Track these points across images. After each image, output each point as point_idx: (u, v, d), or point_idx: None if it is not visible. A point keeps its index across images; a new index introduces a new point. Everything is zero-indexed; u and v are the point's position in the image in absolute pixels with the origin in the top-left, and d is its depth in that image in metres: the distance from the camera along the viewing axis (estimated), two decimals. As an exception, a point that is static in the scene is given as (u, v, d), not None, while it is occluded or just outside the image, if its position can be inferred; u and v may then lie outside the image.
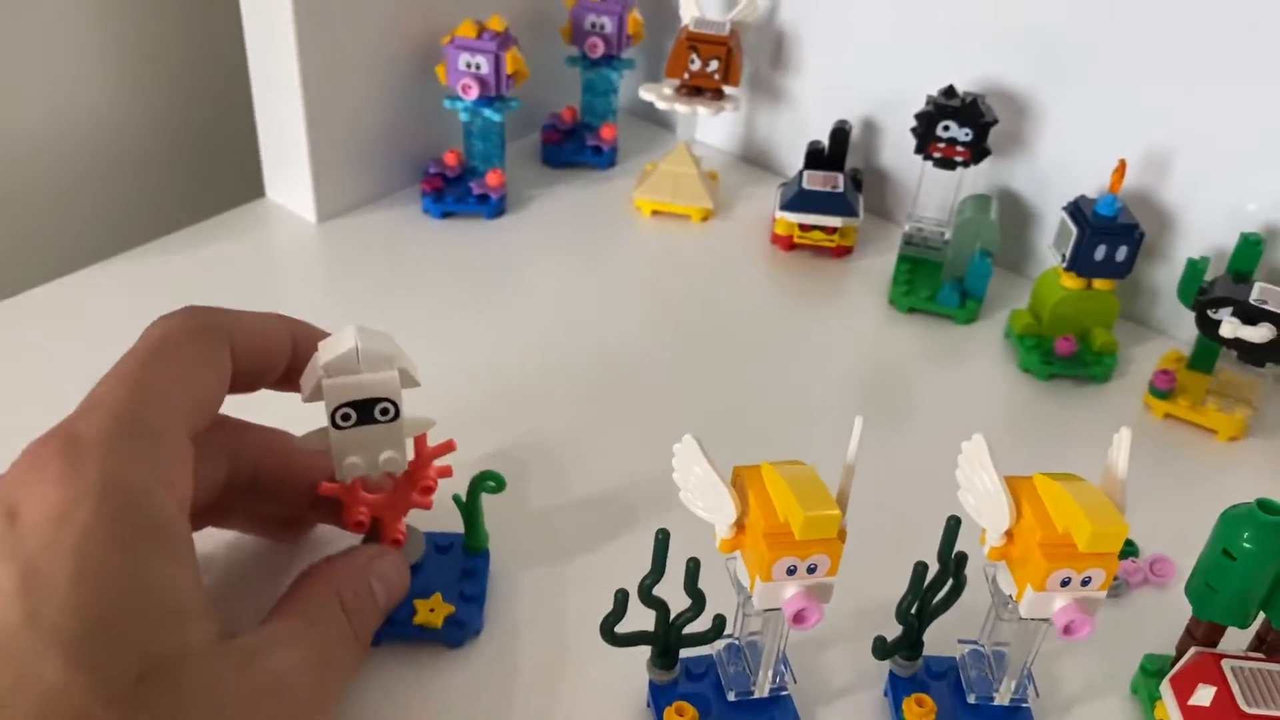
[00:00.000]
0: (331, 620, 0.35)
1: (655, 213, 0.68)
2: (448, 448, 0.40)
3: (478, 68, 0.61)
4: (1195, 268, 0.52)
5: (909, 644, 0.38)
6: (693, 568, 0.35)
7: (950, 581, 0.36)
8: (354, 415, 0.36)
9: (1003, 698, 0.38)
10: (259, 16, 0.60)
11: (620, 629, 0.36)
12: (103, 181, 0.71)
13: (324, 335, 0.38)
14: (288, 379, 0.38)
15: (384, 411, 0.36)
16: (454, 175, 0.65)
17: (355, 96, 0.63)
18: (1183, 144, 0.57)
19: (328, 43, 0.60)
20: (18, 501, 0.29)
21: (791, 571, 0.33)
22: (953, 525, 0.35)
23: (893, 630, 0.38)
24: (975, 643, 0.39)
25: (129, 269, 0.60)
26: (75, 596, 0.28)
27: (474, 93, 0.62)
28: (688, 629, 0.37)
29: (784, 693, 0.38)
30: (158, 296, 0.58)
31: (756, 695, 0.38)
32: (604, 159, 0.72)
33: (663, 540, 0.34)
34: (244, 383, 0.37)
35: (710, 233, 0.67)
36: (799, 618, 0.34)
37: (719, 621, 0.37)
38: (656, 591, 0.35)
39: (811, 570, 0.33)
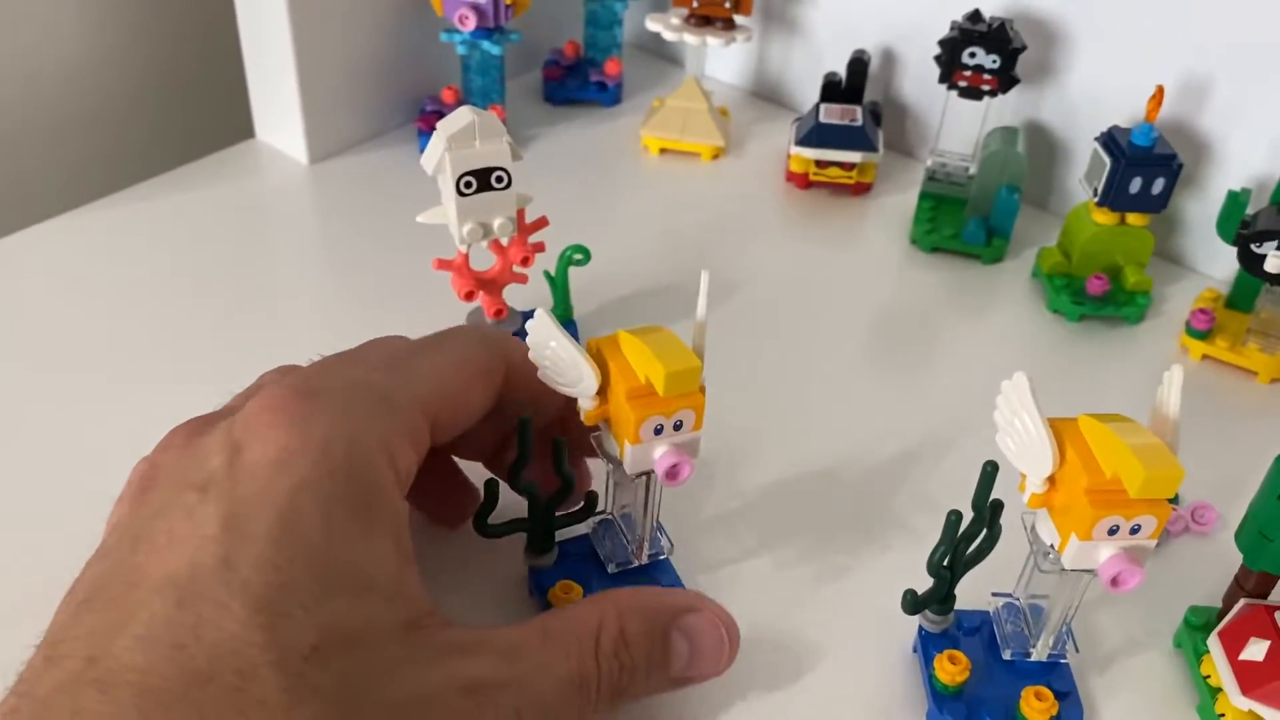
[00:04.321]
0: (570, 653, 0.31)
1: (663, 151, 0.65)
2: (542, 223, 0.45)
3: (475, -3, 0.58)
4: (1236, 200, 0.49)
5: (941, 597, 0.36)
6: (559, 447, 0.36)
7: (985, 531, 0.34)
8: (475, 183, 0.41)
9: (1040, 653, 0.36)
10: (243, -56, 0.57)
11: (493, 519, 0.37)
12: (87, 123, 0.69)
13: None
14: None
15: (499, 179, 0.42)
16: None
17: (347, 31, 0.60)
18: (1222, 69, 0.54)
19: (316, -28, 0.57)
20: (244, 440, 0.29)
21: (659, 431, 0.34)
22: (989, 471, 0.33)
23: (923, 582, 0.36)
24: (1010, 595, 0.37)
25: (114, 213, 0.58)
26: (270, 552, 0.27)
27: (471, 24, 0.58)
28: (560, 511, 0.38)
29: (662, 557, 0.39)
30: (143, 241, 0.56)
31: (635, 564, 0.39)
32: (609, 95, 0.68)
33: (524, 424, 0.35)
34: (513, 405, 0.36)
35: (721, 171, 0.64)
36: (672, 473, 0.34)
37: (591, 499, 0.38)
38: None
39: (678, 427, 0.34)
